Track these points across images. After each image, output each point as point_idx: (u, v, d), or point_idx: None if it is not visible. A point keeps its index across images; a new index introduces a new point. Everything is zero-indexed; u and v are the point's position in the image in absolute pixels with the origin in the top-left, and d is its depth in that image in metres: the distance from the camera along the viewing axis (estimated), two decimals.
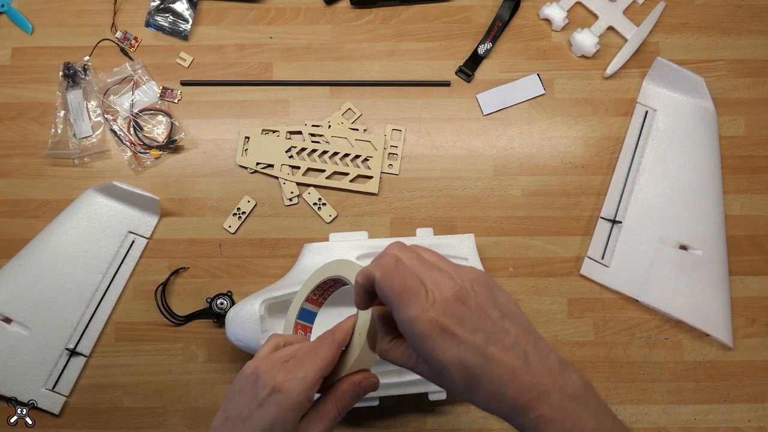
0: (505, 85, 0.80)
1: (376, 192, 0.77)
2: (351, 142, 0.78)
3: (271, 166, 0.78)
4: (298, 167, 0.78)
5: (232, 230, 0.77)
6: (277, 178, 0.78)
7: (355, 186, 0.77)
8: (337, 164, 0.78)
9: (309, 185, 0.78)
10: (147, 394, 0.74)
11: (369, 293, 0.41)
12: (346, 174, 0.78)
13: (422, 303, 0.37)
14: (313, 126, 0.79)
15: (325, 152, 0.78)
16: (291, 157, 0.78)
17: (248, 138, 0.79)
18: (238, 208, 0.77)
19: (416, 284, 0.37)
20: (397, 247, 0.41)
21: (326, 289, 0.51)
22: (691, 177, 0.77)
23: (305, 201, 0.77)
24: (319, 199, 0.77)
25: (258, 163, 0.78)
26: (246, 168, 0.78)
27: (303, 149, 0.78)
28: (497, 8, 0.81)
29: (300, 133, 0.79)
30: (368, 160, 0.78)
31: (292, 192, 0.77)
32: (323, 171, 0.78)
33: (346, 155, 0.78)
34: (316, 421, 0.43)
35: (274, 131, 0.79)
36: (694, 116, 0.78)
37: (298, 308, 0.51)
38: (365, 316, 0.43)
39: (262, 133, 0.79)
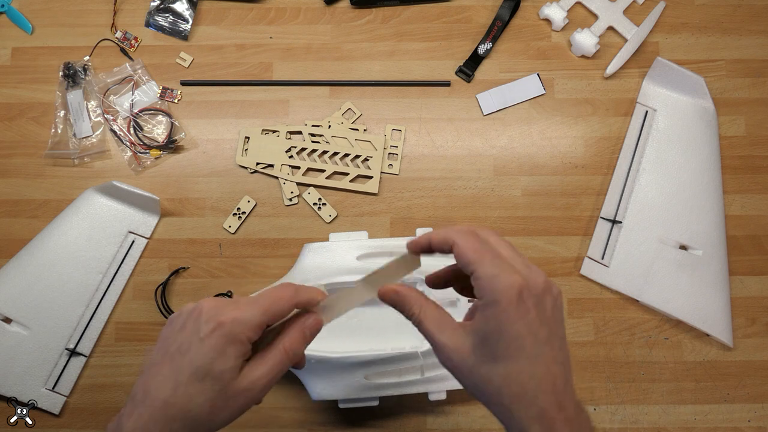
0: (505, 85, 0.80)
1: (376, 192, 0.77)
2: (351, 142, 0.78)
3: (271, 166, 0.78)
4: (298, 167, 0.78)
5: (232, 230, 0.77)
6: (277, 178, 0.78)
7: (355, 186, 0.77)
8: (337, 164, 0.78)
9: (309, 185, 0.78)
10: None
11: (425, 250, 0.43)
12: (346, 174, 0.78)
13: (510, 268, 0.38)
14: (313, 126, 0.79)
15: (325, 152, 0.78)
16: (291, 157, 0.78)
17: (248, 138, 0.79)
18: (238, 208, 0.77)
19: (498, 252, 0.40)
20: (486, 231, 0.42)
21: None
22: (691, 177, 0.77)
23: (305, 201, 0.77)
24: (319, 199, 0.77)
25: (258, 163, 0.78)
26: (246, 168, 0.78)
27: (303, 149, 0.78)
28: (497, 8, 0.81)
29: (300, 133, 0.79)
30: (368, 160, 0.78)
31: (292, 192, 0.77)
32: (323, 171, 0.78)
33: (346, 155, 0.78)
34: (261, 362, 0.41)
35: (274, 131, 0.79)
36: (694, 116, 0.78)
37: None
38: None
39: (262, 133, 0.79)
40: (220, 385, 0.39)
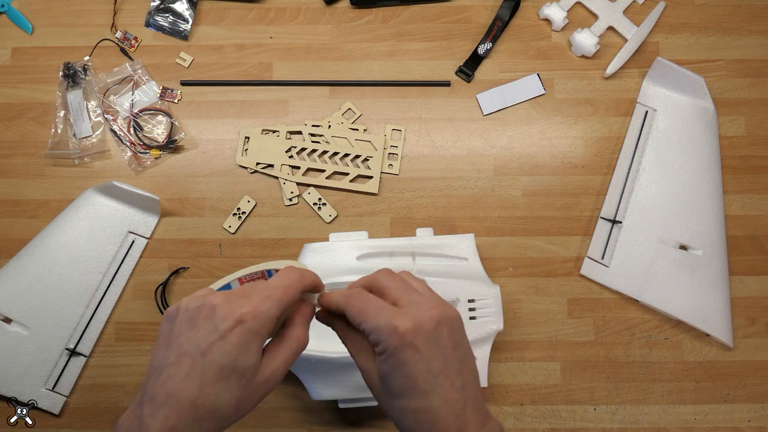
0: (505, 85, 0.80)
1: (376, 192, 0.77)
2: (351, 142, 0.78)
3: (271, 166, 0.78)
4: (298, 167, 0.78)
5: (232, 230, 0.77)
6: (277, 178, 0.78)
7: (355, 186, 0.77)
8: (337, 164, 0.78)
9: (309, 185, 0.78)
10: None
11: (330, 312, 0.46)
12: (346, 174, 0.78)
13: (396, 315, 0.42)
14: (313, 126, 0.79)
15: (325, 152, 0.78)
16: (291, 157, 0.78)
17: (248, 138, 0.79)
18: (238, 208, 0.77)
19: (383, 304, 0.43)
20: (383, 273, 0.46)
21: (256, 279, 0.49)
22: (691, 177, 0.77)
23: (305, 201, 0.77)
24: (319, 199, 0.77)
25: (258, 163, 0.78)
26: (246, 168, 0.78)
27: (303, 149, 0.78)
28: (497, 8, 0.81)
29: (300, 133, 0.79)
30: (368, 160, 0.78)
31: (292, 192, 0.77)
32: (323, 171, 0.78)
33: (346, 155, 0.78)
34: (278, 353, 0.43)
35: (274, 131, 0.79)
36: (694, 116, 0.78)
37: (224, 283, 0.48)
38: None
39: (262, 133, 0.79)
40: (245, 380, 0.40)
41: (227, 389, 0.40)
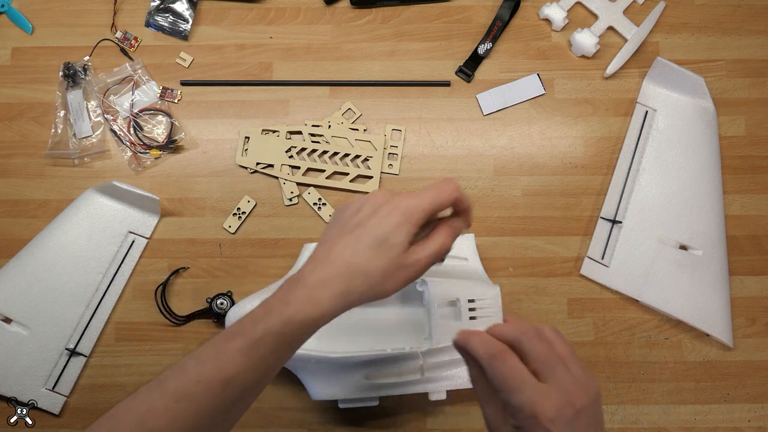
0: (505, 85, 0.80)
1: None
2: (351, 142, 0.78)
3: (271, 166, 0.78)
4: (298, 167, 0.78)
5: (232, 230, 0.77)
6: (277, 178, 0.78)
7: (355, 186, 0.77)
8: (337, 164, 0.78)
9: (309, 185, 0.78)
10: None
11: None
12: (346, 174, 0.78)
13: (543, 395, 0.41)
14: (313, 126, 0.79)
15: (325, 152, 0.78)
16: (291, 157, 0.78)
17: (248, 138, 0.79)
18: (238, 208, 0.77)
19: (527, 376, 0.42)
20: (531, 335, 0.44)
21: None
22: (691, 177, 0.77)
23: (305, 201, 0.77)
24: (319, 199, 0.77)
25: (258, 163, 0.78)
26: (246, 168, 0.78)
27: (303, 149, 0.78)
28: (497, 8, 0.81)
29: (300, 133, 0.79)
30: (368, 160, 0.78)
31: (292, 192, 0.77)
32: (323, 171, 0.78)
33: (346, 155, 0.78)
34: (424, 247, 0.47)
35: (274, 131, 0.79)
36: (694, 116, 0.78)
37: None
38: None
39: (262, 133, 0.79)
40: (393, 253, 0.45)
41: (377, 256, 0.45)
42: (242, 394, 0.45)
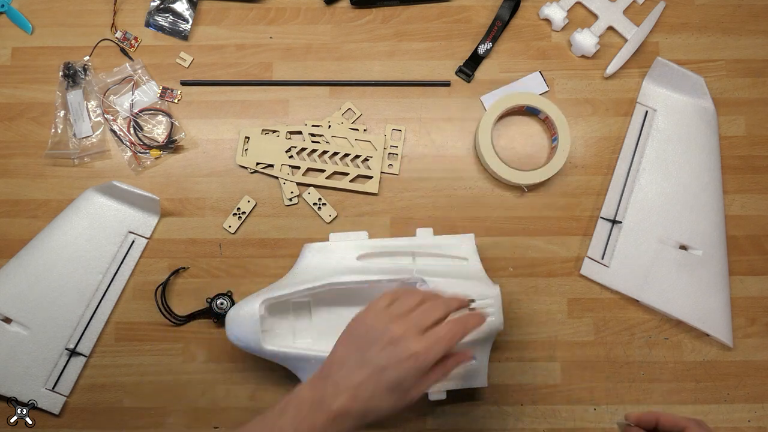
0: (508, 85, 0.80)
1: (377, 192, 0.77)
2: (351, 142, 0.78)
3: (271, 166, 0.78)
4: (298, 167, 0.78)
5: (232, 230, 0.77)
6: (277, 178, 0.78)
7: (355, 186, 0.77)
8: (337, 164, 0.78)
9: (309, 185, 0.78)
10: (147, 394, 0.74)
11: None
12: (346, 174, 0.78)
13: None
14: (313, 126, 0.79)
15: (325, 152, 0.78)
16: (291, 157, 0.78)
17: (248, 138, 0.79)
18: (238, 208, 0.77)
19: None
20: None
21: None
22: (691, 177, 0.77)
23: (305, 201, 0.77)
24: (319, 199, 0.77)
25: (258, 163, 0.78)
26: (246, 168, 0.78)
27: (303, 149, 0.78)
28: (497, 8, 0.81)
29: (300, 133, 0.79)
30: (368, 160, 0.78)
31: (292, 192, 0.77)
32: (323, 171, 0.78)
33: (346, 155, 0.78)
34: (428, 378, 0.53)
35: (274, 131, 0.79)
36: (694, 116, 0.78)
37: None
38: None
39: (262, 133, 0.79)
40: (402, 396, 0.52)
41: (390, 399, 0.52)
42: None
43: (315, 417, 0.51)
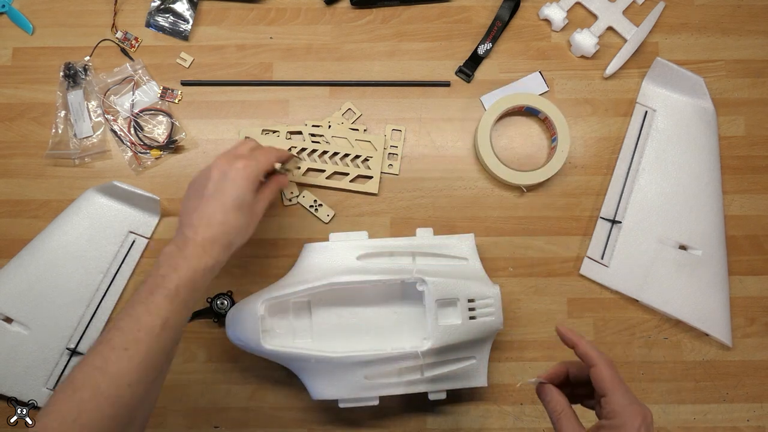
0: (508, 85, 0.80)
1: (376, 192, 0.77)
2: (351, 142, 0.78)
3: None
4: (299, 168, 0.78)
5: None
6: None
7: (355, 186, 0.77)
8: (337, 164, 0.78)
9: (309, 185, 0.78)
10: None
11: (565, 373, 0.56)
12: (346, 174, 0.78)
13: (636, 401, 0.50)
14: (313, 126, 0.79)
15: (325, 152, 0.78)
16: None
17: (248, 138, 0.79)
18: None
19: (631, 393, 0.51)
20: (610, 364, 0.53)
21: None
22: (691, 177, 0.77)
23: (301, 205, 0.77)
24: (315, 201, 0.77)
25: None
26: None
27: (303, 149, 0.78)
28: (497, 8, 0.81)
29: (300, 133, 0.79)
30: (368, 160, 0.78)
31: (292, 192, 0.77)
32: (323, 171, 0.78)
33: (346, 155, 0.78)
34: (263, 197, 0.64)
35: (274, 131, 0.79)
36: (694, 116, 0.79)
37: None
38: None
39: (262, 134, 0.79)
40: (249, 209, 0.61)
41: (241, 215, 0.60)
42: (175, 332, 0.55)
43: (186, 255, 0.56)
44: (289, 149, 0.78)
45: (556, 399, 0.53)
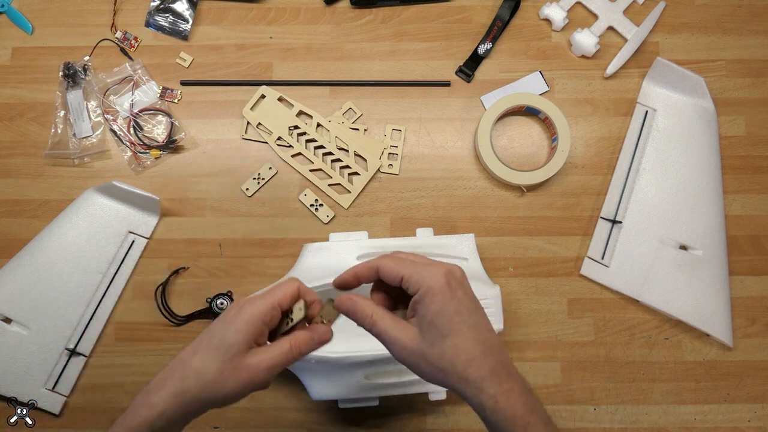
0: (508, 85, 0.80)
1: (347, 207, 0.77)
2: (351, 142, 0.78)
3: (271, 133, 0.78)
4: (291, 146, 0.78)
5: (250, 193, 0.77)
6: (266, 143, 0.79)
7: (331, 191, 0.77)
8: (326, 164, 0.78)
9: (293, 168, 0.78)
10: None
11: (357, 281, 0.49)
12: (347, 172, 0.78)
13: (430, 264, 0.46)
14: (321, 120, 0.79)
15: (321, 147, 0.78)
16: (291, 135, 0.78)
17: (264, 96, 0.79)
18: (258, 174, 0.78)
19: (415, 259, 0.48)
20: (389, 255, 0.49)
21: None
22: (691, 177, 0.77)
23: (302, 203, 0.77)
24: (316, 200, 0.77)
25: (259, 124, 0.78)
26: (245, 135, 0.78)
27: (305, 133, 0.78)
28: (497, 8, 0.81)
29: (311, 116, 0.79)
30: (368, 160, 0.78)
31: (270, 168, 0.77)
32: (322, 170, 0.78)
33: (339, 160, 0.78)
34: (268, 349, 0.48)
35: (290, 104, 0.79)
36: (694, 116, 0.78)
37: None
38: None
39: (278, 100, 0.79)
40: (229, 354, 0.46)
41: (214, 357, 0.46)
42: None
43: (136, 398, 0.47)
44: (294, 127, 0.78)
45: (360, 304, 0.47)
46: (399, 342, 0.46)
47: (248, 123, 0.79)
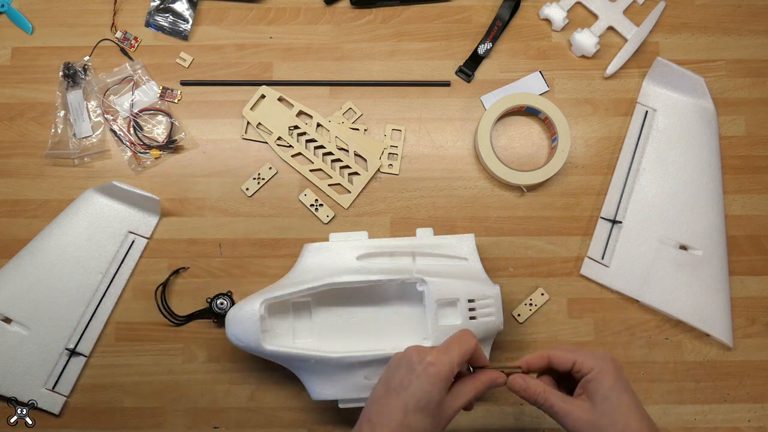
0: (508, 85, 0.80)
1: (347, 207, 0.77)
2: (351, 142, 0.78)
3: (271, 133, 0.78)
4: (291, 146, 0.78)
5: (250, 193, 0.77)
6: (266, 143, 0.78)
7: (330, 191, 0.77)
8: (326, 164, 0.78)
9: (293, 168, 0.78)
10: (147, 394, 0.74)
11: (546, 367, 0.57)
12: (346, 171, 0.78)
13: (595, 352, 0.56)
14: (318, 124, 0.79)
15: (321, 147, 0.78)
16: (291, 135, 0.78)
17: (264, 96, 0.79)
18: (258, 174, 0.78)
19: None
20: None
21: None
22: (691, 177, 0.77)
23: (302, 203, 0.78)
24: (316, 200, 0.77)
25: (259, 124, 0.78)
26: (245, 135, 0.78)
27: (305, 133, 0.78)
28: (497, 8, 0.81)
29: (311, 117, 0.79)
30: (367, 160, 0.78)
31: (270, 168, 0.77)
32: (322, 170, 0.78)
33: (339, 160, 0.78)
34: (459, 395, 0.55)
35: (290, 104, 0.79)
36: (694, 116, 0.78)
37: None
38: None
39: (278, 100, 0.79)
40: (435, 411, 0.53)
41: (424, 418, 0.52)
42: None
43: None
44: (294, 127, 0.78)
45: (532, 384, 0.55)
46: (573, 414, 0.53)
47: (248, 123, 0.79)
